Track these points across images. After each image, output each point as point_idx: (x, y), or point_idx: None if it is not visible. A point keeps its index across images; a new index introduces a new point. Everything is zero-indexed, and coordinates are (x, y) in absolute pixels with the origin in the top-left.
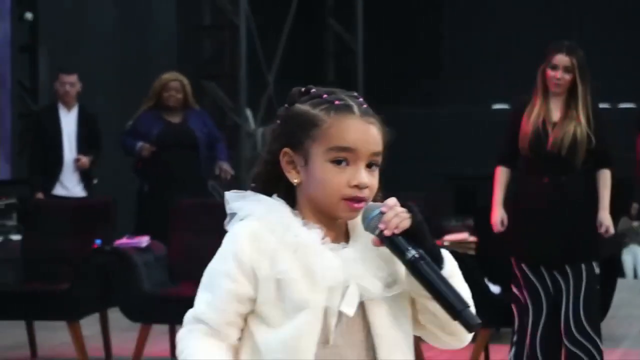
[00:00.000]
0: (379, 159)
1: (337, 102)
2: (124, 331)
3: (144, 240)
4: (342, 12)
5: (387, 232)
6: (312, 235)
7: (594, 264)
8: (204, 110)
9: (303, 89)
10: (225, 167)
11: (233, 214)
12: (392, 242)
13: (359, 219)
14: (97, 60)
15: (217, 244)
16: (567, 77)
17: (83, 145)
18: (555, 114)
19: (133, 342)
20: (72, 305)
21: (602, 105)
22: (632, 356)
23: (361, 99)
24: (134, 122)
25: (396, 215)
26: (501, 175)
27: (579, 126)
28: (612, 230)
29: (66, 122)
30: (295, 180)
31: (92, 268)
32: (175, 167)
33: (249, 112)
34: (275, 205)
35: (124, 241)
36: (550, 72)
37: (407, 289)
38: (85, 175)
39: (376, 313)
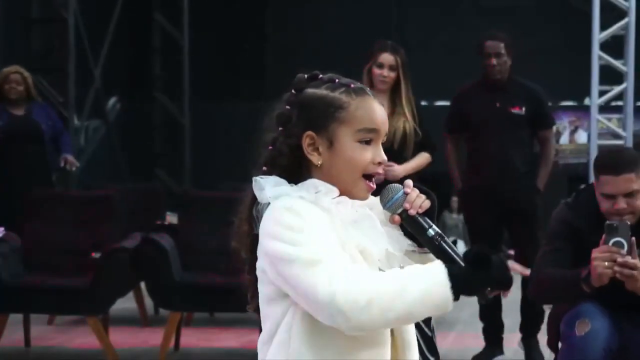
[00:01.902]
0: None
1: (352, 86)
2: None
3: None
4: (168, 8)
5: (412, 212)
6: (367, 212)
7: None
8: (46, 104)
9: (307, 76)
10: (70, 159)
11: (271, 197)
12: (414, 221)
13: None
14: None
15: (71, 234)
16: (392, 74)
17: None
18: None
19: None
20: None
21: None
22: (464, 339)
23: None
24: None
25: (418, 196)
26: None
27: (407, 122)
28: None
29: None
30: (319, 162)
31: None
32: (21, 159)
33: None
34: (323, 187)
35: None
36: (376, 70)
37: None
38: None
39: None
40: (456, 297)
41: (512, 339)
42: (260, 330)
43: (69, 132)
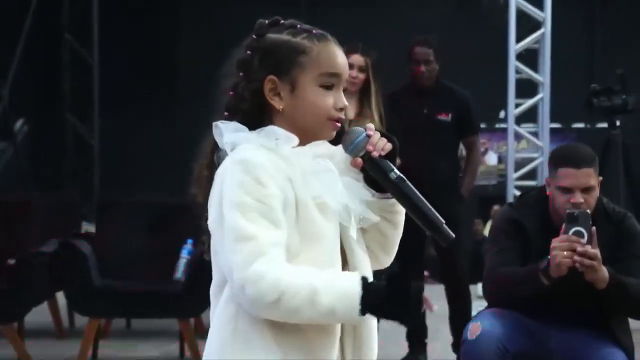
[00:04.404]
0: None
1: (314, 31)
2: None
3: None
4: (78, 27)
5: (375, 154)
6: (328, 164)
7: None
8: None
9: (268, 21)
10: None
11: (231, 143)
12: (377, 164)
13: (316, 147)
14: None
15: None
16: (361, 76)
17: None
18: (351, 112)
19: None
20: None
21: None
22: (387, 345)
23: None
24: None
25: (380, 138)
26: None
27: (374, 123)
28: None
29: None
30: (280, 107)
31: None
32: None
33: None
34: (283, 134)
35: None
36: None
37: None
38: None
39: (348, 235)
40: (363, 314)
41: (435, 346)
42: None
43: None
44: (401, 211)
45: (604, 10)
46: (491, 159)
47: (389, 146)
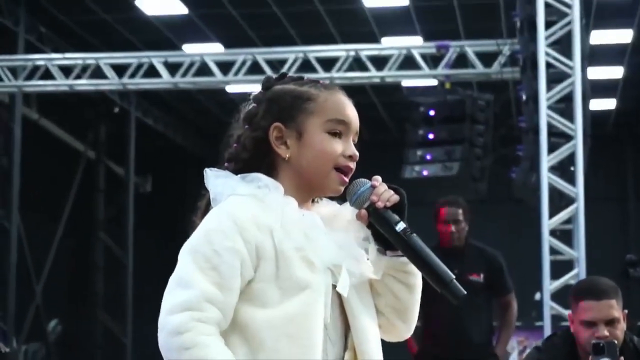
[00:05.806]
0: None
1: (321, 82)
2: None
3: None
4: (112, 226)
5: (379, 204)
6: (314, 217)
7: None
8: None
9: (276, 76)
10: None
11: (215, 192)
12: (382, 215)
13: (321, 207)
14: None
15: None
16: None
17: None
18: None
19: None
20: None
21: None
22: None
23: None
24: None
25: (386, 189)
26: None
27: None
28: None
29: None
30: (287, 155)
31: None
32: None
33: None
34: (269, 185)
35: None
36: None
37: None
38: None
39: (350, 296)
40: None
41: None
42: None
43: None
44: (415, 273)
45: (636, 177)
46: None
47: (395, 198)
